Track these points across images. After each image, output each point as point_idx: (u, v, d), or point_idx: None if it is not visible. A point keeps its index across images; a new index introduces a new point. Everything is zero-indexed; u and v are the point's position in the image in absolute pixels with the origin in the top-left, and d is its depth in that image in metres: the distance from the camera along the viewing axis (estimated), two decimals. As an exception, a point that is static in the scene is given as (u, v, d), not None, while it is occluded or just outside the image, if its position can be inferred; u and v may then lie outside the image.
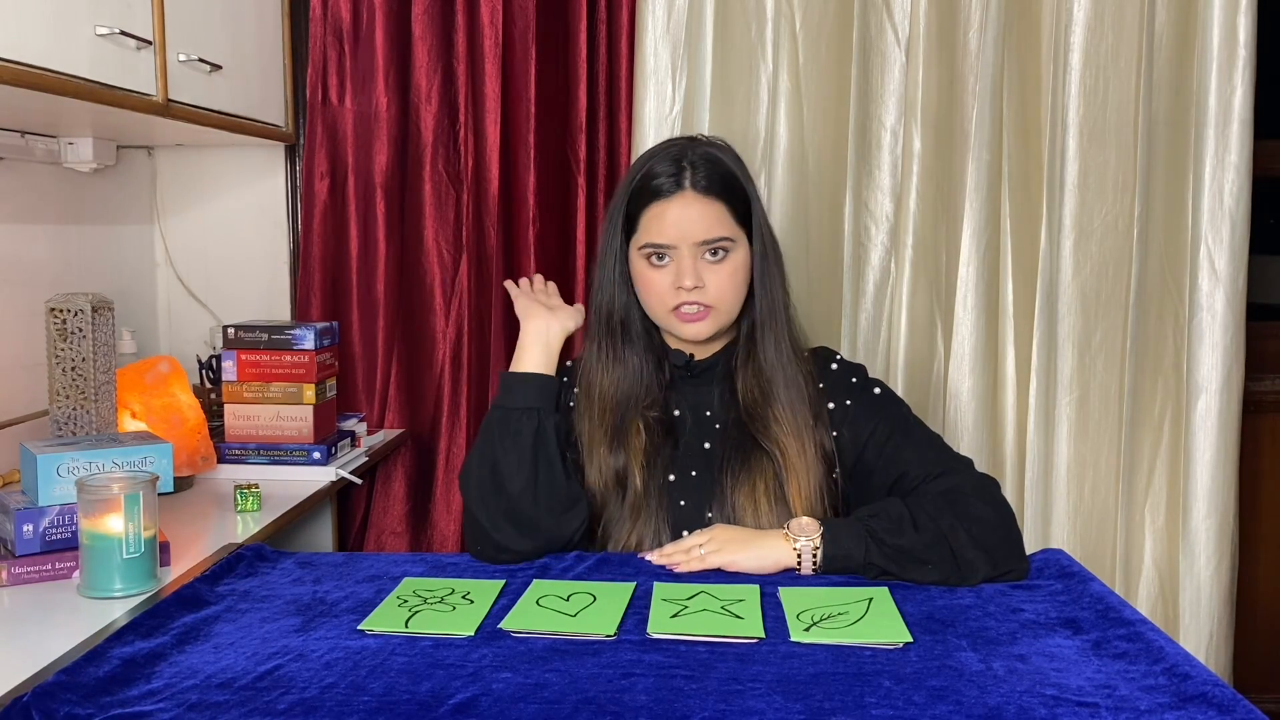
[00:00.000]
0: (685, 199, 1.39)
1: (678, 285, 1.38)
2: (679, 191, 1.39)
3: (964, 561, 1.23)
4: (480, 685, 0.95)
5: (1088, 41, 1.97)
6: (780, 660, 1.01)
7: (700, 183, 1.39)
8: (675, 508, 1.41)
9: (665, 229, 1.39)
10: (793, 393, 1.41)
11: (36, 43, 1.36)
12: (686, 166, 1.40)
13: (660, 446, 1.42)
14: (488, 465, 1.36)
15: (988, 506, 1.30)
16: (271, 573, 1.28)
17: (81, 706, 0.91)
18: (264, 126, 2.08)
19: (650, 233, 1.40)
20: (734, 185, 1.42)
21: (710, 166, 1.41)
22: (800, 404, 1.41)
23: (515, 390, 1.41)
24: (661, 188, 1.40)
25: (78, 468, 1.35)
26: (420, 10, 2.16)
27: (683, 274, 1.38)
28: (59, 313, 1.60)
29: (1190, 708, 0.90)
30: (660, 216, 1.39)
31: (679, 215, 1.39)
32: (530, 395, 1.39)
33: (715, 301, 1.39)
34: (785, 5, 2.01)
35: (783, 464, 1.38)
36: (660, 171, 1.41)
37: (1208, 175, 1.99)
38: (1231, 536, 2.03)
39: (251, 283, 2.30)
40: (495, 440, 1.37)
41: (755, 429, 1.41)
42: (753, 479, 1.39)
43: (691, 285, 1.37)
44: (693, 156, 1.41)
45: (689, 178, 1.40)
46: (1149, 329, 2.04)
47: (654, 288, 1.41)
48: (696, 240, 1.38)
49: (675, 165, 1.41)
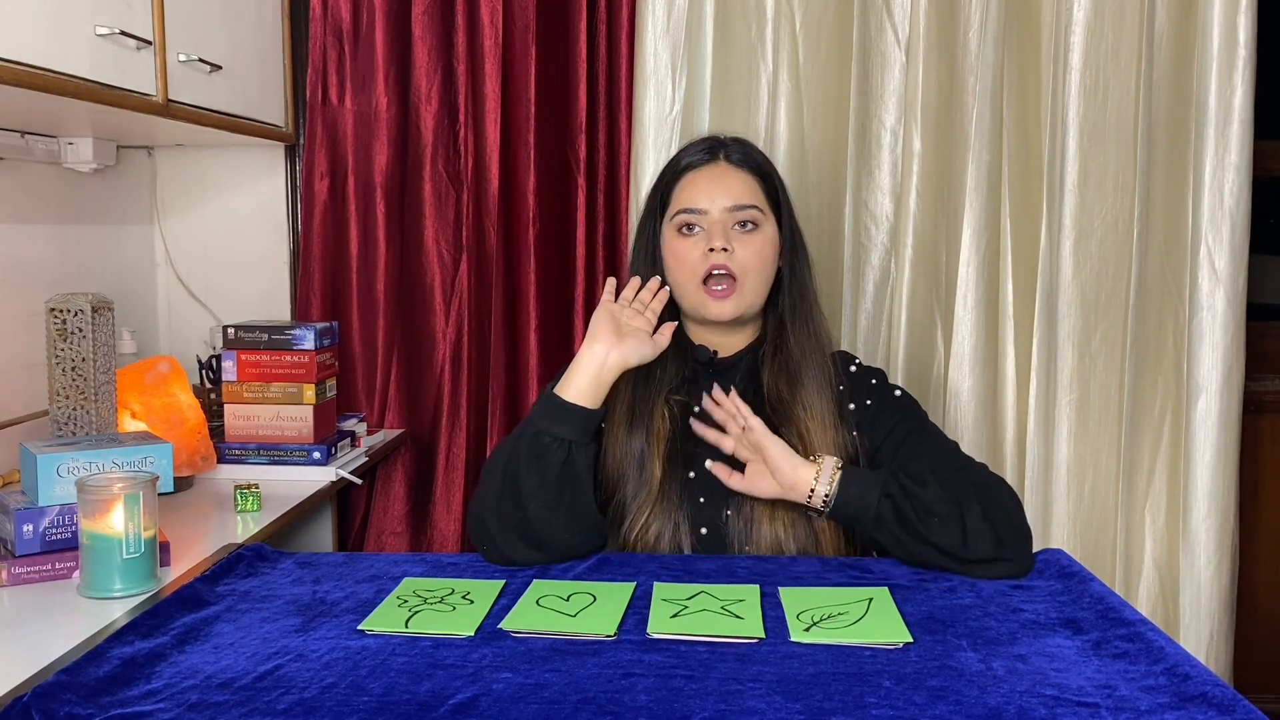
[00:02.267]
0: (719, 167, 1.47)
1: (708, 248, 1.41)
2: (712, 161, 1.48)
3: (970, 531, 1.25)
4: (480, 685, 0.95)
5: (1088, 41, 1.97)
6: (780, 660, 1.01)
7: (734, 156, 1.48)
8: (695, 504, 1.40)
9: (697, 195, 1.44)
10: (821, 381, 1.43)
11: (36, 43, 1.36)
12: (720, 146, 1.49)
13: (683, 438, 1.42)
14: (510, 479, 1.32)
15: (1006, 498, 1.32)
16: (271, 573, 1.28)
17: (81, 706, 0.91)
18: (264, 126, 2.08)
19: (683, 200, 1.46)
20: (766, 168, 1.50)
21: (745, 147, 1.51)
22: (827, 393, 1.43)
23: (553, 416, 1.34)
24: (695, 160, 1.48)
25: (78, 468, 1.35)
26: (420, 10, 2.16)
27: (713, 235, 1.42)
28: (59, 313, 1.60)
29: (1190, 708, 0.90)
30: (694, 184, 1.46)
31: (711, 181, 1.45)
32: (567, 427, 1.33)
33: (742, 272, 1.42)
34: (785, 5, 2.01)
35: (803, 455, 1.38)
36: (694, 149, 1.50)
37: (1208, 175, 1.99)
38: (1231, 536, 2.03)
39: (251, 283, 2.30)
40: (521, 458, 1.33)
41: (778, 419, 1.41)
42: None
43: (721, 246, 1.40)
44: (726, 140, 1.51)
45: (723, 152, 1.48)
46: (1149, 329, 2.04)
47: (684, 257, 1.44)
48: (728, 204, 1.43)
49: (710, 143, 1.50)
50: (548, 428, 1.33)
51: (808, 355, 1.44)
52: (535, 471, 1.32)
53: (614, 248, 2.20)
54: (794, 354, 1.44)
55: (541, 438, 1.33)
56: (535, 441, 1.33)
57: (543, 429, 1.33)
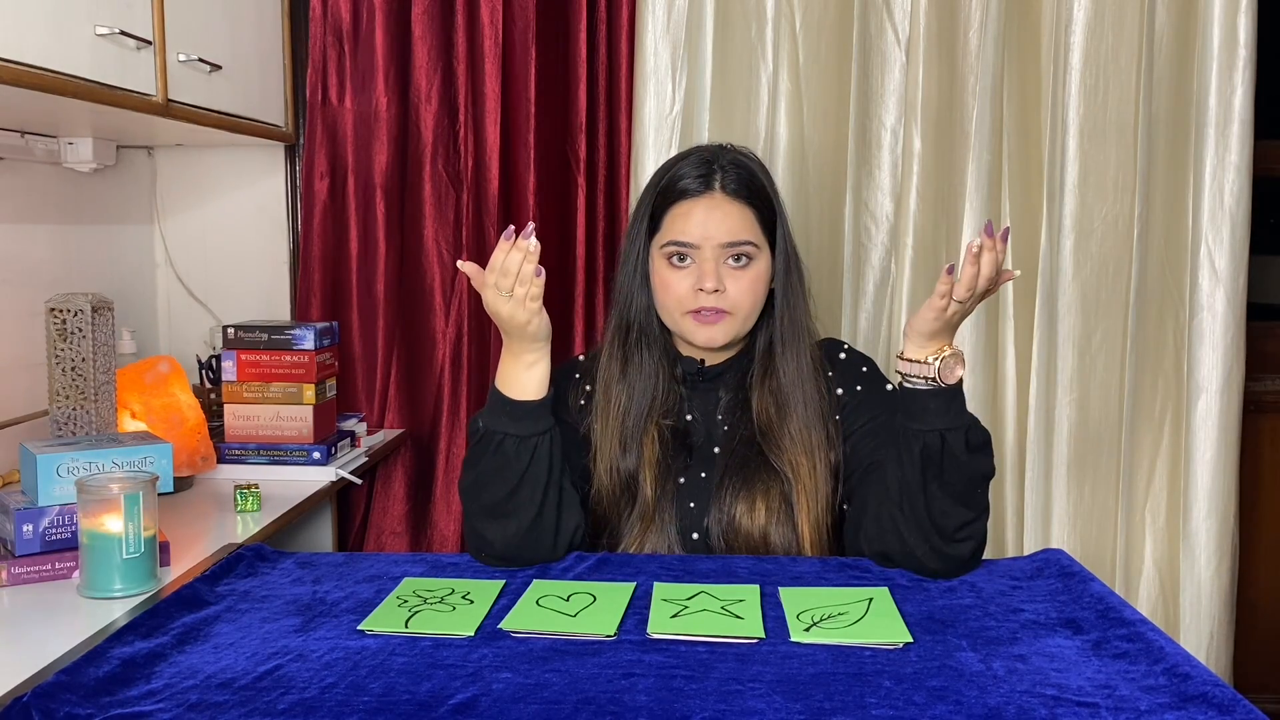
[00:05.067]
0: (713, 199, 1.39)
1: (698, 287, 1.37)
2: (707, 192, 1.39)
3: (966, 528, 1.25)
4: (480, 685, 0.95)
5: (1088, 41, 1.97)
6: (780, 660, 1.01)
7: (730, 185, 1.39)
8: (684, 510, 1.40)
9: (690, 228, 1.38)
10: (810, 411, 1.40)
11: (36, 43, 1.35)
12: (716, 170, 1.40)
13: (674, 455, 1.41)
14: (485, 475, 1.32)
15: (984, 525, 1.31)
16: (271, 573, 1.28)
17: (81, 706, 0.91)
18: (264, 126, 2.08)
19: (674, 231, 1.39)
20: (762, 194, 1.42)
21: (740, 172, 1.41)
22: (817, 422, 1.40)
23: (509, 416, 1.30)
24: (689, 188, 1.40)
25: (78, 468, 1.35)
26: (420, 10, 2.16)
27: (704, 276, 1.37)
28: (59, 313, 1.59)
29: (1190, 708, 0.90)
30: (686, 215, 1.39)
31: (705, 215, 1.38)
32: (524, 424, 1.30)
33: (734, 308, 1.38)
34: (785, 5, 2.01)
35: (793, 483, 1.37)
36: (689, 173, 1.40)
37: (1208, 175, 1.99)
38: (1231, 536, 2.03)
39: (251, 283, 2.30)
40: (490, 455, 1.31)
41: (768, 448, 1.39)
42: (753, 497, 1.38)
43: (712, 288, 1.36)
44: (723, 161, 1.42)
45: (719, 180, 1.40)
46: (1149, 329, 2.04)
47: (672, 289, 1.39)
48: (721, 242, 1.37)
49: (705, 167, 1.41)
50: (503, 428, 1.29)
51: (796, 383, 1.41)
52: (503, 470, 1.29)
53: (614, 247, 2.20)
54: (784, 380, 1.41)
55: (506, 441, 1.29)
56: (499, 444, 1.29)
57: (501, 431, 1.29)
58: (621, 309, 1.45)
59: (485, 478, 1.31)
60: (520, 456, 1.29)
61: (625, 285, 1.45)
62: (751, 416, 1.42)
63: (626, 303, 1.45)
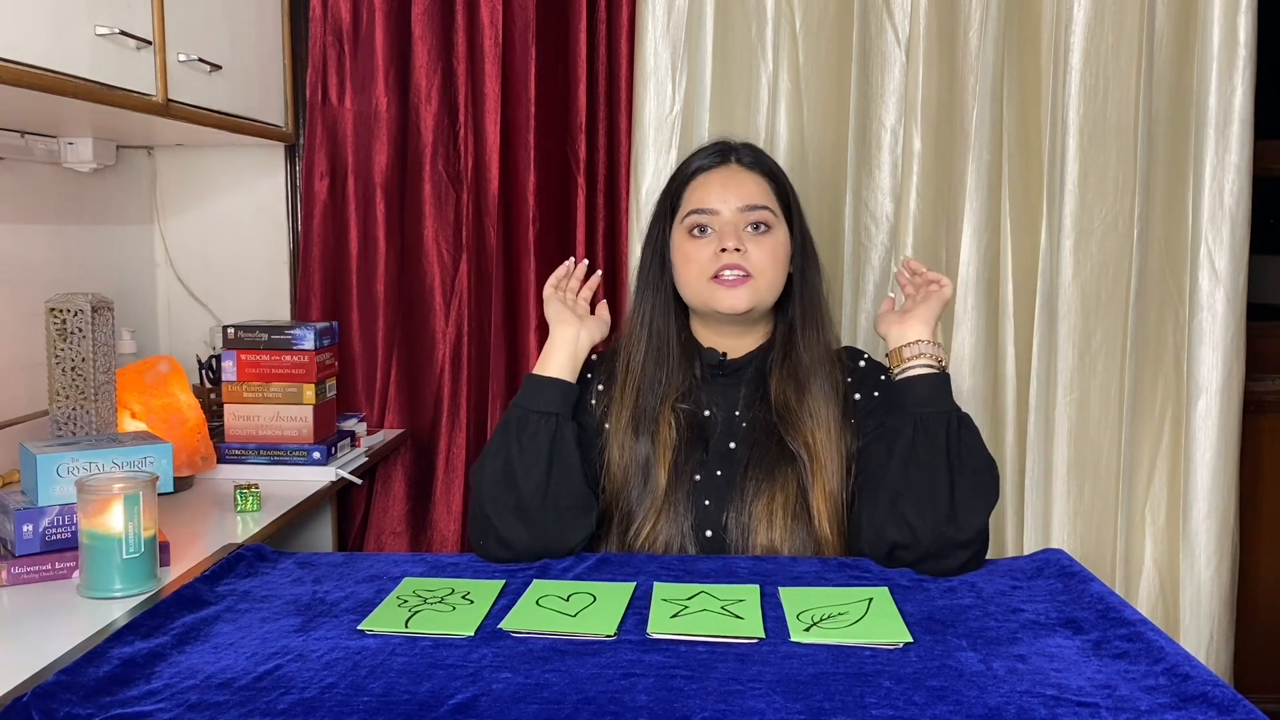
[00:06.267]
0: (730, 169, 1.46)
1: (720, 248, 1.40)
2: (724, 164, 1.47)
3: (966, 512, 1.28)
4: (480, 685, 0.95)
5: (1088, 41, 1.97)
6: (780, 660, 1.01)
7: (745, 159, 1.47)
8: (700, 508, 1.40)
9: (709, 195, 1.44)
10: (828, 390, 1.42)
11: (36, 43, 1.36)
12: (732, 150, 1.48)
13: (690, 447, 1.42)
14: (501, 461, 1.37)
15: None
16: (271, 573, 1.28)
17: (81, 706, 0.91)
18: (264, 126, 2.08)
19: (694, 200, 1.45)
20: (778, 172, 1.49)
21: (756, 152, 1.50)
22: (834, 402, 1.42)
23: (537, 393, 1.41)
24: (706, 164, 1.47)
25: (78, 468, 1.35)
26: (420, 10, 2.16)
27: (725, 236, 1.41)
28: (59, 313, 1.60)
29: (1190, 708, 0.90)
30: (705, 185, 1.45)
31: (723, 183, 1.44)
32: (551, 400, 1.40)
33: (756, 270, 1.41)
34: (785, 5, 2.01)
35: (809, 465, 1.38)
36: (704, 154, 1.49)
37: (1208, 175, 1.99)
38: (1231, 536, 2.03)
39: (251, 283, 2.30)
40: (513, 438, 1.37)
41: (785, 428, 1.40)
42: (774, 489, 1.38)
43: (734, 247, 1.40)
44: (737, 144, 1.51)
45: (734, 156, 1.48)
46: (1149, 329, 2.04)
47: (693, 258, 1.43)
48: (740, 204, 1.42)
49: (721, 147, 1.49)
50: (534, 405, 1.39)
51: (816, 363, 1.43)
52: (529, 448, 1.36)
53: (614, 247, 2.20)
54: (803, 360, 1.43)
55: (529, 416, 1.38)
56: (524, 421, 1.38)
57: (528, 408, 1.39)
58: (642, 297, 1.49)
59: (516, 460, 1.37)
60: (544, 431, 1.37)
61: (644, 275, 1.49)
62: (770, 405, 1.43)
63: (649, 294, 1.48)
